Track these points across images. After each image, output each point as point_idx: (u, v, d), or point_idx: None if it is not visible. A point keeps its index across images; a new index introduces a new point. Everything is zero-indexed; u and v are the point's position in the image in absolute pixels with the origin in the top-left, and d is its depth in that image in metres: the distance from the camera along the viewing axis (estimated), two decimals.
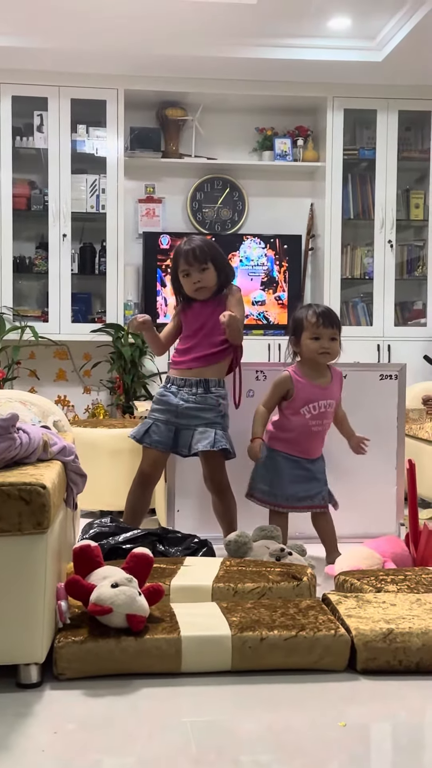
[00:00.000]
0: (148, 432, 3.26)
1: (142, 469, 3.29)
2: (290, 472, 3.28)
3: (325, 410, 3.28)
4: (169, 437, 3.25)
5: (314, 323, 3.23)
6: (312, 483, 3.28)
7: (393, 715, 1.99)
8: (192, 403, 3.24)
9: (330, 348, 3.25)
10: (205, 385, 3.25)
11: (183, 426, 3.25)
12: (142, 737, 1.85)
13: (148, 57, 5.27)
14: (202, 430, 3.21)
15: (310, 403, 3.26)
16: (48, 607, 2.09)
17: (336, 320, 3.29)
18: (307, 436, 3.28)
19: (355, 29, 5.03)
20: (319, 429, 3.28)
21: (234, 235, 5.97)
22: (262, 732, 1.88)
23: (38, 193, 5.71)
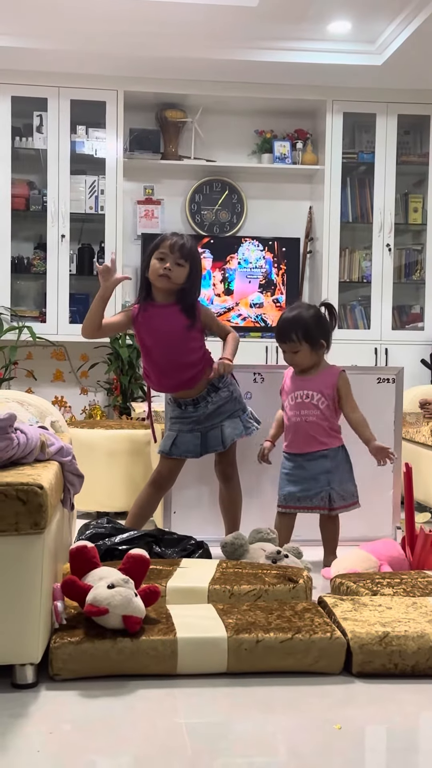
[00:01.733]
0: (175, 443, 3.26)
1: (160, 472, 3.29)
2: (289, 471, 3.31)
3: (302, 401, 3.28)
4: (197, 444, 3.26)
5: (279, 340, 3.30)
6: (310, 483, 3.27)
7: (388, 719, 1.99)
8: (211, 408, 3.25)
9: (291, 361, 3.30)
10: (213, 389, 3.25)
11: (209, 428, 3.26)
12: (137, 738, 1.85)
13: (148, 59, 5.28)
14: (228, 423, 3.27)
15: (291, 393, 3.31)
16: (44, 607, 2.09)
17: (290, 334, 3.23)
18: (290, 428, 3.31)
19: (355, 33, 5.04)
20: (297, 420, 3.28)
21: (232, 237, 5.98)
22: (257, 734, 1.88)
23: (37, 194, 5.71)
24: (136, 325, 3.22)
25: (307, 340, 3.24)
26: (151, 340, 3.19)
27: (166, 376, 3.23)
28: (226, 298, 5.87)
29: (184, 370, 3.21)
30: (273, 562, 2.88)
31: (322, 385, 3.28)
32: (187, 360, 3.20)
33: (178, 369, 3.20)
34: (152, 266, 3.17)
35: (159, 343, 3.19)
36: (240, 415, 3.30)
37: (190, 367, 3.21)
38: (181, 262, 3.14)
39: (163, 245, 3.16)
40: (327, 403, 3.28)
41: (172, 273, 3.13)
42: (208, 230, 6.01)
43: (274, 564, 2.85)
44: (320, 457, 3.29)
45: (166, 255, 3.14)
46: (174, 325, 3.18)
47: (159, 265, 3.15)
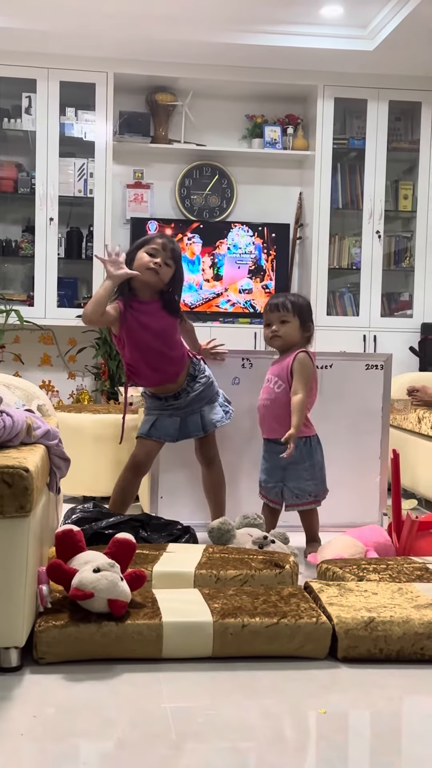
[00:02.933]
0: (155, 426, 3.27)
1: (136, 457, 3.28)
2: (262, 456, 3.35)
3: (267, 385, 3.31)
4: (176, 429, 3.28)
5: (266, 311, 3.32)
6: (270, 474, 3.28)
7: (373, 703, 1.99)
8: (192, 396, 3.28)
9: (278, 330, 3.27)
10: (191, 379, 3.28)
11: (188, 413, 3.29)
12: (122, 722, 1.85)
13: (139, 41, 5.23)
14: (207, 408, 3.31)
15: (268, 375, 3.34)
16: (29, 591, 2.08)
17: (284, 302, 3.26)
18: (259, 411, 3.35)
19: (347, 17, 5.01)
20: (259, 404, 3.33)
21: (222, 222, 5.95)
22: (241, 718, 1.88)
23: (25, 176, 5.66)
24: (125, 321, 3.17)
25: (299, 316, 3.26)
26: (144, 335, 3.19)
27: (156, 371, 3.24)
28: (215, 284, 5.85)
29: (172, 364, 3.24)
30: (260, 547, 2.88)
31: (281, 369, 3.27)
32: (174, 354, 3.24)
33: (166, 363, 3.23)
34: (141, 259, 3.18)
35: (150, 339, 3.19)
36: (216, 399, 3.34)
37: (177, 362, 3.26)
38: (170, 263, 3.19)
39: (154, 242, 3.20)
40: (283, 386, 3.22)
41: (161, 270, 3.17)
42: (198, 215, 5.98)
43: (260, 549, 2.85)
44: (279, 451, 3.19)
45: (158, 251, 3.18)
46: (162, 321, 3.21)
47: (149, 259, 3.16)
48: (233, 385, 3.57)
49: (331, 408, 3.57)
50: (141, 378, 3.28)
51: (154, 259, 3.16)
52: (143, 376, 3.27)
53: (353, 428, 3.66)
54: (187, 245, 5.81)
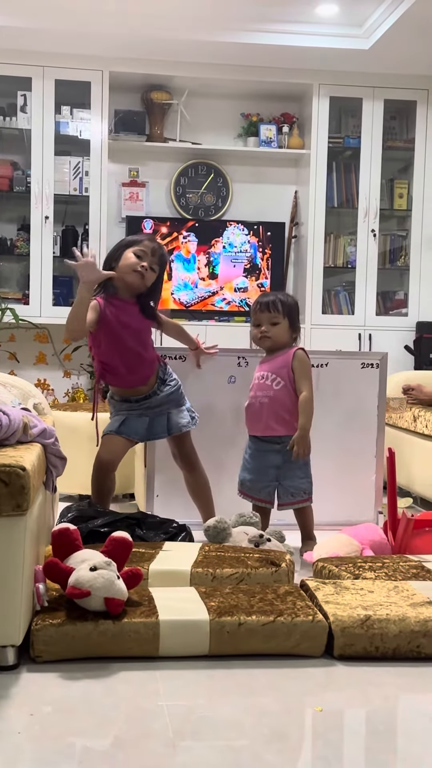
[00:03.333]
0: (124, 423, 3.23)
1: (101, 456, 3.21)
2: (245, 457, 3.33)
3: (259, 382, 3.29)
4: (144, 428, 3.26)
5: (255, 310, 3.31)
6: (258, 474, 3.28)
7: (369, 701, 2.00)
8: (161, 397, 3.26)
9: (267, 332, 3.26)
10: (161, 382, 3.27)
11: (157, 413, 3.27)
12: (118, 720, 1.85)
13: (134, 39, 5.22)
14: (175, 411, 3.29)
15: (258, 373, 3.32)
16: (26, 589, 2.09)
17: (275, 303, 3.26)
18: (248, 409, 3.33)
19: (342, 16, 5.01)
20: (252, 401, 3.30)
21: (218, 221, 5.95)
22: (238, 716, 1.89)
23: (21, 174, 5.65)
24: (104, 318, 3.13)
25: (288, 317, 3.27)
26: (122, 333, 3.16)
27: (131, 372, 3.21)
28: (211, 282, 5.85)
29: (145, 366, 3.23)
30: (255, 545, 2.88)
31: (279, 366, 3.26)
32: (148, 356, 3.24)
33: (141, 364, 3.22)
34: (127, 259, 3.14)
35: (128, 338, 3.17)
36: (184, 404, 3.32)
37: (150, 364, 3.25)
38: (155, 268, 3.18)
39: (143, 244, 3.17)
40: (283, 384, 3.23)
41: (147, 274, 3.15)
42: (193, 213, 5.98)
43: (256, 547, 2.85)
44: (272, 450, 3.24)
45: (145, 255, 3.15)
46: (139, 323, 3.21)
47: (136, 261, 3.13)
48: (229, 384, 3.57)
49: (326, 407, 3.58)
50: (115, 377, 3.23)
51: (142, 262, 3.13)
52: (118, 375, 3.22)
53: (349, 427, 3.66)
54: (183, 244, 5.81)
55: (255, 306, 3.32)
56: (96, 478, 3.23)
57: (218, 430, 3.58)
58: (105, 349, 3.18)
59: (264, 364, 3.32)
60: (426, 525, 3.03)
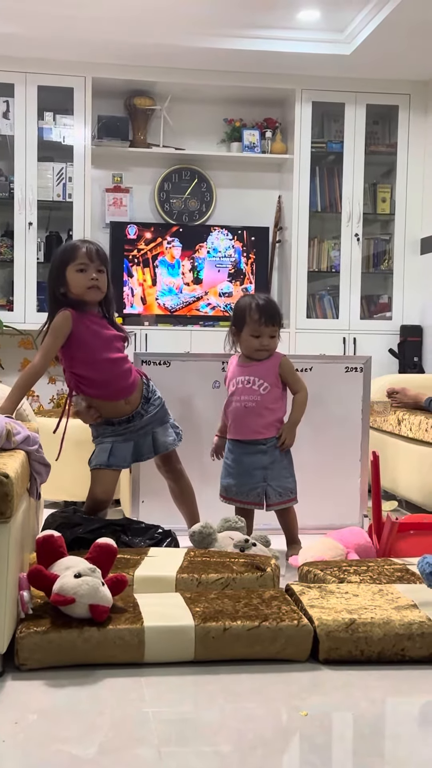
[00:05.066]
0: (113, 453, 3.14)
1: (95, 497, 3.14)
2: (226, 462, 3.33)
3: (244, 386, 3.27)
4: (129, 453, 3.19)
5: (256, 320, 3.24)
6: (244, 478, 3.27)
7: (354, 705, 2.00)
8: (146, 419, 3.18)
9: (269, 345, 3.28)
10: (144, 401, 3.17)
11: (141, 435, 3.19)
12: (104, 727, 1.85)
13: (117, 45, 5.23)
14: (160, 430, 3.21)
15: (232, 379, 3.32)
16: (10, 597, 2.08)
17: (277, 317, 3.27)
18: (230, 413, 3.31)
19: (324, 22, 5.04)
20: (238, 405, 3.27)
21: (202, 226, 5.96)
22: (223, 722, 1.89)
23: (4, 181, 5.65)
24: (80, 327, 3.01)
25: (281, 325, 3.33)
26: (96, 343, 3.04)
27: (109, 383, 3.09)
28: (195, 287, 5.86)
29: (124, 377, 3.11)
30: (241, 550, 2.89)
31: (265, 372, 3.28)
32: (126, 366, 3.12)
33: (120, 375, 3.10)
34: (74, 281, 2.99)
35: (102, 348, 3.06)
36: (168, 420, 3.25)
37: (128, 374, 3.12)
38: (102, 268, 3.02)
39: (78, 255, 2.99)
40: (270, 389, 3.25)
41: (100, 281, 3.01)
42: (177, 219, 5.98)
43: (242, 552, 2.86)
44: (258, 452, 3.25)
45: (87, 265, 2.99)
46: (108, 332, 3.08)
47: (84, 277, 2.98)
48: (214, 389, 3.58)
49: (310, 410, 3.58)
50: (91, 389, 3.10)
51: (89, 275, 2.99)
52: (94, 386, 3.09)
53: (333, 430, 3.67)
54: (167, 249, 5.81)
55: (257, 315, 3.23)
56: (93, 507, 3.17)
57: (203, 435, 3.57)
58: (79, 362, 3.06)
59: (244, 368, 3.30)
60: (410, 528, 3.04)
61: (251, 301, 3.29)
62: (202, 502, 3.38)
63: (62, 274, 3.01)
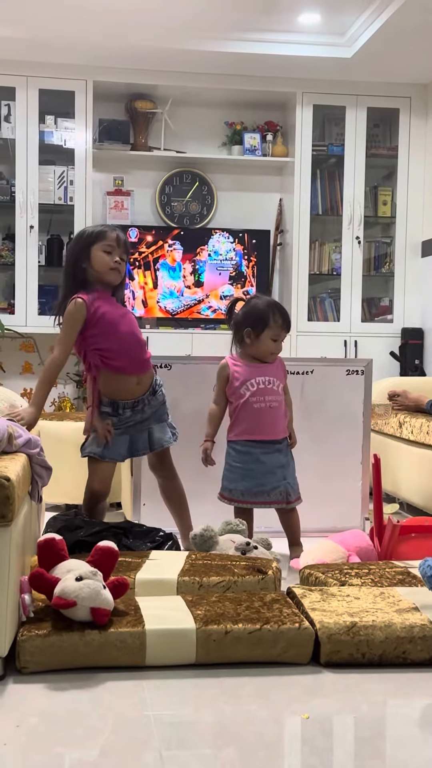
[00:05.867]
0: (107, 446, 3.15)
1: (92, 488, 3.17)
2: (244, 466, 3.29)
3: (265, 387, 3.28)
4: (125, 447, 3.19)
5: (280, 325, 3.30)
6: (267, 477, 3.27)
7: (356, 708, 2.00)
8: (147, 412, 3.19)
9: (276, 349, 3.35)
10: (152, 392, 3.19)
11: (138, 430, 3.20)
12: (105, 730, 1.85)
13: (118, 48, 5.24)
14: (157, 427, 3.21)
15: (248, 381, 3.29)
16: (11, 600, 2.08)
17: (290, 325, 3.38)
18: (251, 415, 3.28)
19: (324, 25, 5.04)
20: (261, 405, 3.28)
21: (203, 229, 5.96)
22: (225, 725, 1.89)
23: (5, 184, 5.65)
24: (93, 309, 3.05)
25: None
26: (116, 315, 3.10)
27: (133, 351, 3.12)
28: (197, 290, 5.86)
29: (145, 349, 3.18)
30: (242, 553, 2.89)
31: (276, 372, 3.34)
32: (143, 339, 3.20)
33: (141, 346, 3.16)
34: (99, 259, 3.08)
35: (122, 319, 3.12)
36: (166, 419, 3.26)
37: (146, 347, 3.21)
38: (124, 257, 3.14)
39: (108, 237, 3.08)
40: (282, 388, 3.35)
41: (121, 266, 3.12)
42: (178, 222, 5.99)
43: (243, 555, 2.85)
44: (275, 450, 3.29)
45: (114, 248, 3.09)
46: (124, 308, 3.20)
47: (109, 258, 3.09)
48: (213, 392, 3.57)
49: (312, 414, 3.59)
50: (116, 359, 3.10)
51: (114, 258, 3.09)
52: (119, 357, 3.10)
53: (334, 433, 3.67)
54: (168, 252, 5.82)
55: (279, 320, 3.29)
56: (89, 507, 3.19)
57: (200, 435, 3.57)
58: (100, 336, 3.08)
59: (258, 369, 3.31)
60: (412, 531, 3.04)
61: (272, 308, 3.32)
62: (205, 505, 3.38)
63: (87, 250, 3.09)
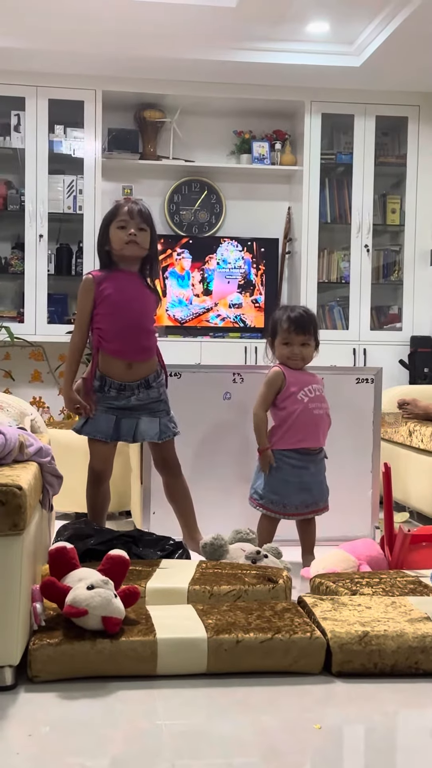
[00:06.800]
0: (88, 421, 3.17)
1: (92, 466, 3.22)
2: (298, 480, 3.27)
3: (320, 394, 3.30)
4: (110, 426, 3.15)
5: (286, 329, 3.28)
6: (318, 487, 3.31)
7: (368, 718, 1.99)
8: (133, 402, 3.15)
9: (301, 353, 3.29)
10: (146, 384, 3.16)
11: (126, 415, 3.16)
12: (117, 740, 1.84)
13: (127, 58, 5.26)
14: (146, 420, 3.16)
15: (305, 386, 3.27)
16: (23, 609, 2.08)
17: (308, 325, 3.29)
18: (309, 421, 3.26)
19: (333, 34, 5.06)
20: (320, 412, 3.28)
21: (211, 237, 5.98)
22: (236, 735, 1.88)
23: (15, 193, 5.68)
24: (101, 288, 3.10)
25: (316, 337, 3.33)
26: (121, 298, 3.10)
27: (131, 339, 3.11)
28: (205, 299, 5.87)
29: (146, 337, 3.15)
30: (253, 562, 2.88)
31: (317, 381, 3.34)
32: (149, 327, 3.17)
33: (141, 333, 3.13)
34: (115, 236, 3.10)
35: (127, 303, 3.11)
36: (161, 417, 3.18)
37: (150, 335, 3.18)
38: (143, 227, 3.10)
39: (120, 212, 3.09)
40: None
41: (139, 237, 3.09)
42: (187, 230, 6.00)
43: (253, 564, 2.85)
44: (321, 460, 3.33)
45: (128, 222, 3.08)
46: (139, 291, 3.15)
47: (123, 233, 3.08)
48: (224, 400, 3.58)
49: None
50: (111, 342, 3.11)
51: (127, 231, 3.07)
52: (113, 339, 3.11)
53: (344, 442, 3.66)
54: (177, 261, 5.83)
55: (287, 324, 3.27)
56: (89, 491, 3.23)
57: (216, 446, 3.57)
58: (101, 316, 3.11)
59: (306, 377, 3.31)
60: (422, 540, 3.03)
61: (285, 311, 3.34)
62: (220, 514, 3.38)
63: (106, 232, 3.13)
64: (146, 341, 3.16)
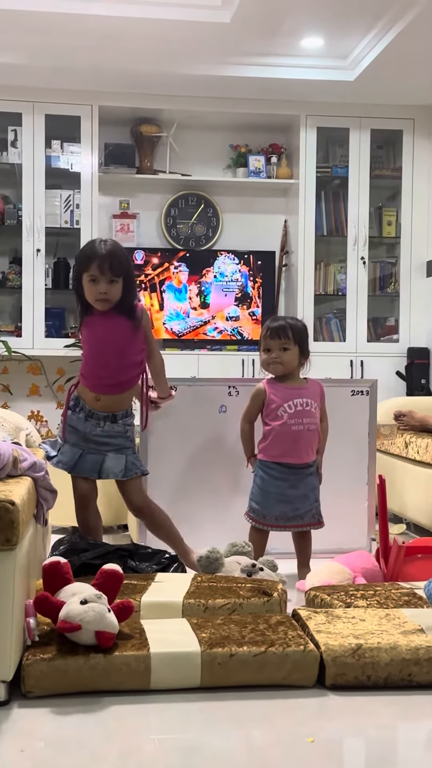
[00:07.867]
0: (61, 450, 3.16)
1: (74, 492, 3.19)
2: (279, 491, 3.26)
3: (303, 409, 3.26)
4: (73, 459, 3.13)
5: (264, 335, 3.31)
6: (301, 501, 3.27)
7: (361, 731, 1.99)
8: (99, 432, 3.13)
9: (280, 357, 3.27)
10: (112, 418, 3.14)
11: (92, 450, 3.13)
12: (110, 755, 1.84)
13: (123, 74, 5.30)
14: (112, 456, 3.14)
15: (285, 402, 3.26)
16: (16, 624, 2.08)
17: (286, 330, 3.27)
18: (288, 437, 3.25)
19: (327, 49, 5.08)
20: (299, 428, 3.25)
21: (208, 251, 6.00)
22: (230, 749, 1.88)
23: (12, 208, 5.70)
24: (88, 327, 3.15)
25: (298, 344, 3.29)
26: (95, 343, 3.13)
27: (102, 378, 3.12)
28: (203, 312, 5.89)
29: (121, 372, 3.12)
30: (248, 575, 2.88)
31: (314, 395, 3.32)
32: (126, 362, 3.13)
33: (114, 372, 3.11)
34: (87, 289, 3.06)
35: (101, 347, 3.11)
36: (127, 453, 3.16)
37: (127, 368, 3.13)
38: (115, 279, 3.02)
39: (91, 267, 3.02)
40: (317, 412, 3.32)
41: (110, 293, 3.03)
42: (184, 244, 6.02)
43: (248, 577, 2.85)
44: (309, 474, 3.29)
45: (97, 277, 3.02)
46: (117, 334, 3.10)
47: (94, 289, 3.03)
48: (220, 413, 3.59)
49: None
50: (87, 376, 3.15)
51: (99, 289, 3.02)
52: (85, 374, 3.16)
53: (340, 454, 3.67)
54: (174, 274, 5.85)
55: (265, 332, 3.31)
56: (79, 515, 3.20)
57: (212, 459, 3.58)
58: (83, 357, 3.21)
59: (295, 390, 3.29)
60: (418, 552, 3.03)
61: (268, 322, 3.36)
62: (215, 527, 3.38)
63: (80, 278, 3.10)
64: (120, 376, 3.12)
